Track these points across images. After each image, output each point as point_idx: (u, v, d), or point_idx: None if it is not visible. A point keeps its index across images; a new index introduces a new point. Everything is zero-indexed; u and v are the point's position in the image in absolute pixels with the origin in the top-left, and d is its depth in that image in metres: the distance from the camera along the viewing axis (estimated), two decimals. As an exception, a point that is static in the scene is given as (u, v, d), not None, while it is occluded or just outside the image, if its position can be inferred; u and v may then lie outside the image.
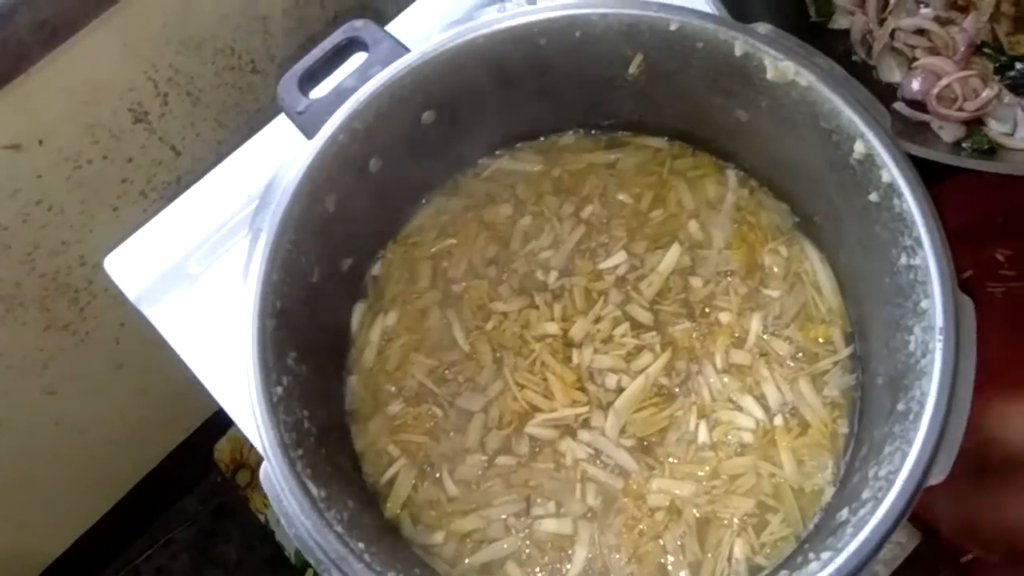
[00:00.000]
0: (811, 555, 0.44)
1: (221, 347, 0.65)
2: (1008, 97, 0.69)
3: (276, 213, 0.48)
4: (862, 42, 0.73)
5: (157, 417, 1.29)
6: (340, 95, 0.52)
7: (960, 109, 0.67)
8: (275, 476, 0.43)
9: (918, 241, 0.44)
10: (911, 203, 0.45)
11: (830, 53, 0.69)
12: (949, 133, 0.68)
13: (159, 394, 1.27)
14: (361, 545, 0.43)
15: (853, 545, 0.40)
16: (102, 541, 1.37)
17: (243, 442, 1.35)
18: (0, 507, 1.17)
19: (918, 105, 0.69)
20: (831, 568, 0.39)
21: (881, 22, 0.72)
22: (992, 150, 0.67)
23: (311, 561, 0.42)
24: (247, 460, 1.33)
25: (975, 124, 0.69)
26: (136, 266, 0.71)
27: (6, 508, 1.17)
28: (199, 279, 0.70)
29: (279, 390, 0.46)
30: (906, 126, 0.67)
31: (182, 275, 0.70)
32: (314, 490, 0.44)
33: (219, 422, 1.40)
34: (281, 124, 0.74)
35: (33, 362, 1.05)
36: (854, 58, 0.74)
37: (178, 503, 1.47)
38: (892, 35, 0.71)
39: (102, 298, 1.06)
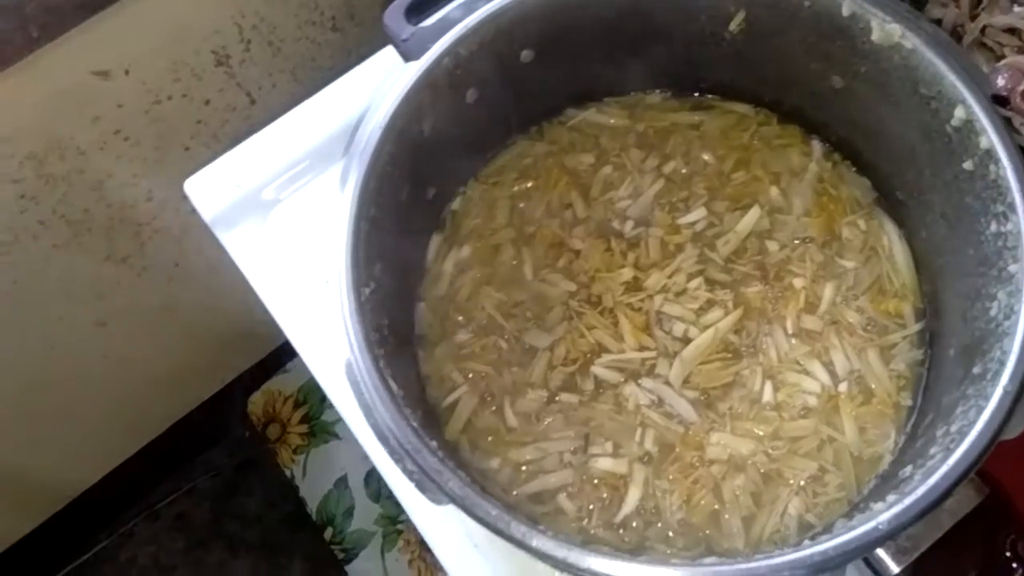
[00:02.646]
0: (871, 505, 0.44)
1: (290, 275, 0.67)
2: (1096, 101, 0.69)
3: (378, 125, 0.49)
4: (953, 34, 0.73)
5: (197, 362, 1.32)
6: (445, 24, 0.53)
7: (1042, 110, 0.68)
8: (358, 367, 0.44)
9: (1011, 207, 0.45)
10: (1008, 169, 0.45)
11: None
12: (1031, 132, 0.68)
13: (203, 341, 1.29)
14: (434, 443, 0.44)
15: (921, 489, 0.40)
16: (128, 480, 1.39)
17: (277, 396, 1.37)
18: (39, 431, 1.19)
19: (1002, 100, 0.69)
20: (897, 508, 0.40)
21: (973, 17, 0.72)
22: None
23: (386, 450, 0.43)
24: (279, 415, 1.35)
25: (1057, 125, 0.69)
26: (214, 191, 0.73)
27: (44, 432, 1.20)
28: (274, 209, 0.71)
29: (367, 291, 0.47)
30: None
31: (257, 203, 0.71)
32: (394, 387, 0.45)
33: (253, 377, 1.43)
34: (357, 75, 0.76)
35: (90, 291, 1.08)
36: None
37: (204, 453, 1.49)
38: (983, 31, 0.71)
39: (163, 235, 1.08)
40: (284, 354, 1.41)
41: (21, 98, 0.82)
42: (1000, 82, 0.70)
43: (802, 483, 0.53)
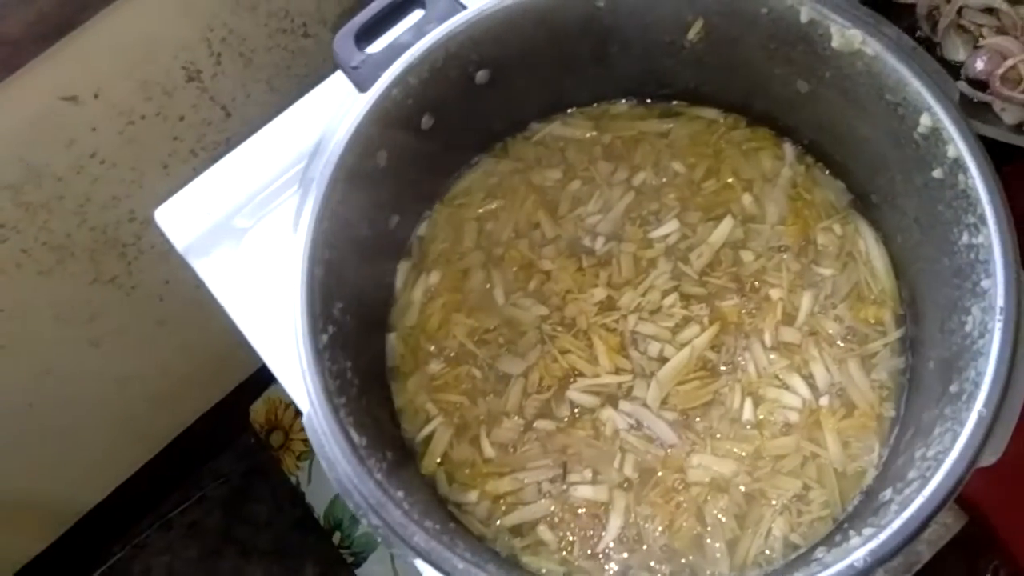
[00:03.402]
0: (850, 532, 0.43)
1: (265, 301, 0.66)
2: (1078, 82, 0.67)
3: (329, 162, 0.48)
4: (927, 17, 0.71)
5: (196, 375, 1.32)
6: (395, 50, 0.52)
7: (1024, 92, 0.66)
8: (318, 421, 0.43)
9: (982, 219, 0.43)
10: (977, 179, 0.43)
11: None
12: (1011, 115, 0.66)
13: (199, 353, 1.29)
14: (400, 494, 0.43)
15: (897, 523, 0.39)
16: (138, 493, 1.40)
17: (278, 404, 1.37)
18: (43, 453, 1.20)
19: (981, 85, 0.67)
20: (873, 544, 0.39)
21: None
22: None
23: (350, 506, 0.42)
24: (281, 422, 1.35)
25: (1039, 107, 0.67)
26: (186, 219, 0.72)
27: (49, 454, 1.21)
28: (247, 234, 0.70)
29: (324, 337, 0.47)
30: (967, 106, 0.65)
31: (230, 229, 0.71)
32: (355, 437, 0.44)
33: (255, 384, 1.42)
34: (332, 84, 0.75)
35: (80, 313, 1.07)
36: (918, 34, 0.72)
37: (212, 461, 1.50)
38: (959, 12, 0.69)
39: (149, 254, 1.07)
40: (283, 361, 1.40)
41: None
42: (979, 66, 0.68)
43: (786, 502, 0.52)
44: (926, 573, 0.40)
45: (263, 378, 1.44)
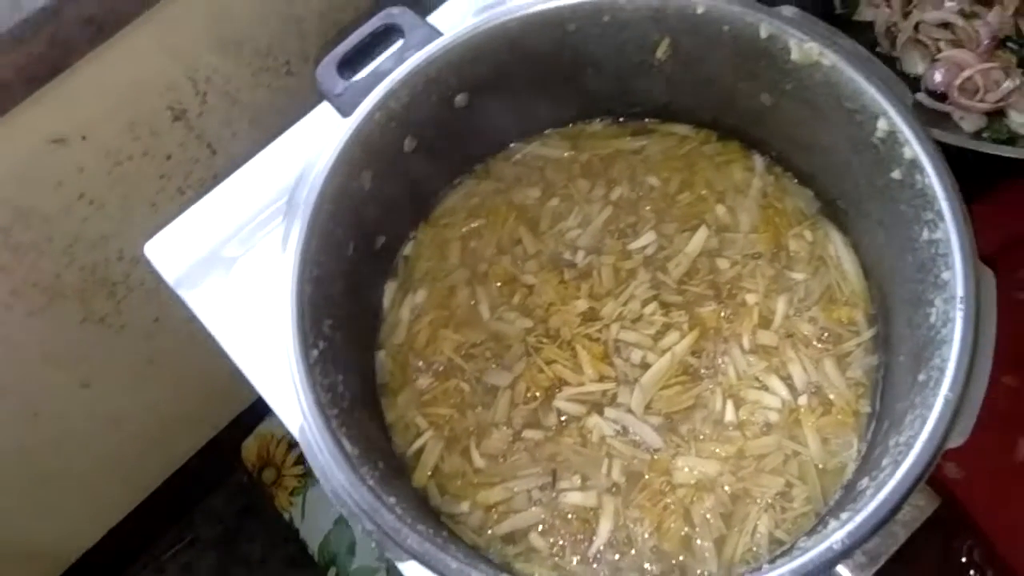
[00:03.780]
0: (829, 520, 0.45)
1: (257, 328, 0.67)
2: (1032, 89, 0.70)
3: (315, 185, 0.50)
4: (886, 34, 0.74)
5: (187, 413, 1.32)
6: (377, 77, 0.54)
7: (981, 100, 0.69)
8: (311, 432, 0.45)
9: (940, 214, 0.45)
10: (933, 178, 0.46)
11: None
12: (970, 123, 0.69)
13: (188, 391, 1.30)
14: (392, 500, 0.44)
15: (872, 505, 0.40)
16: (131, 536, 1.39)
17: (269, 440, 1.37)
18: (35, 498, 1.19)
19: (940, 96, 0.71)
20: (850, 526, 0.40)
21: (906, 15, 0.73)
22: (1011, 140, 0.68)
23: (344, 513, 0.43)
24: (273, 458, 1.35)
25: (996, 115, 0.70)
26: (175, 252, 0.73)
27: (40, 498, 1.20)
28: (235, 265, 0.72)
29: (315, 352, 0.48)
30: (928, 116, 0.68)
31: (219, 260, 0.72)
32: (348, 447, 0.45)
33: (246, 421, 1.43)
34: (315, 118, 0.77)
35: (70, 354, 1.08)
36: (878, 49, 0.75)
37: (204, 501, 1.49)
38: (916, 28, 0.73)
39: (138, 292, 1.08)
40: (273, 397, 1.41)
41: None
42: (937, 77, 0.71)
43: (770, 500, 0.53)
44: (903, 554, 0.41)
45: (254, 415, 1.44)
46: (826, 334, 0.57)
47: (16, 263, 0.93)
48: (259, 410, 1.44)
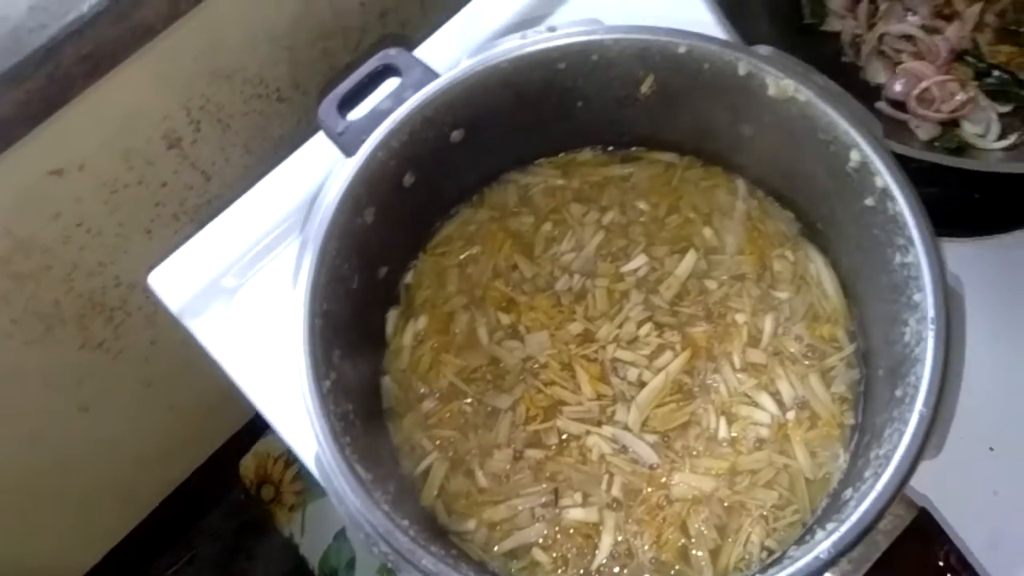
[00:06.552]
0: (816, 530, 0.47)
1: (258, 355, 0.69)
2: (984, 102, 0.74)
3: (323, 223, 0.52)
4: (852, 44, 0.78)
5: (185, 433, 1.33)
6: (376, 116, 0.56)
7: (937, 110, 0.73)
8: (326, 459, 0.47)
9: (910, 240, 0.49)
10: (903, 205, 0.49)
11: (821, 54, 0.76)
12: (925, 132, 0.73)
13: (187, 411, 1.31)
14: (406, 522, 0.47)
15: (855, 516, 0.43)
16: (130, 556, 1.40)
17: (267, 457, 1.38)
18: (34, 520, 1.20)
19: (899, 105, 0.74)
20: (835, 536, 0.43)
21: (871, 27, 0.77)
22: (960, 149, 0.72)
23: (361, 537, 0.46)
24: (271, 475, 1.36)
25: (950, 125, 0.74)
26: (177, 282, 0.75)
27: (40, 521, 1.21)
28: (236, 293, 0.74)
29: (327, 383, 0.50)
30: (886, 124, 0.71)
31: (220, 289, 0.73)
32: (361, 472, 0.48)
33: (243, 439, 1.44)
34: (311, 148, 0.79)
35: (69, 379, 1.09)
36: (843, 59, 0.78)
37: (202, 519, 1.50)
38: (880, 39, 0.76)
39: (135, 316, 1.10)
40: (270, 414, 1.42)
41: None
42: (897, 87, 0.75)
43: (764, 512, 0.56)
44: (885, 560, 0.44)
45: (252, 433, 1.46)
46: (811, 351, 0.60)
47: (16, 292, 0.94)
48: (257, 428, 1.45)
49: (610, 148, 0.67)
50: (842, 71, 0.76)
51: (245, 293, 0.73)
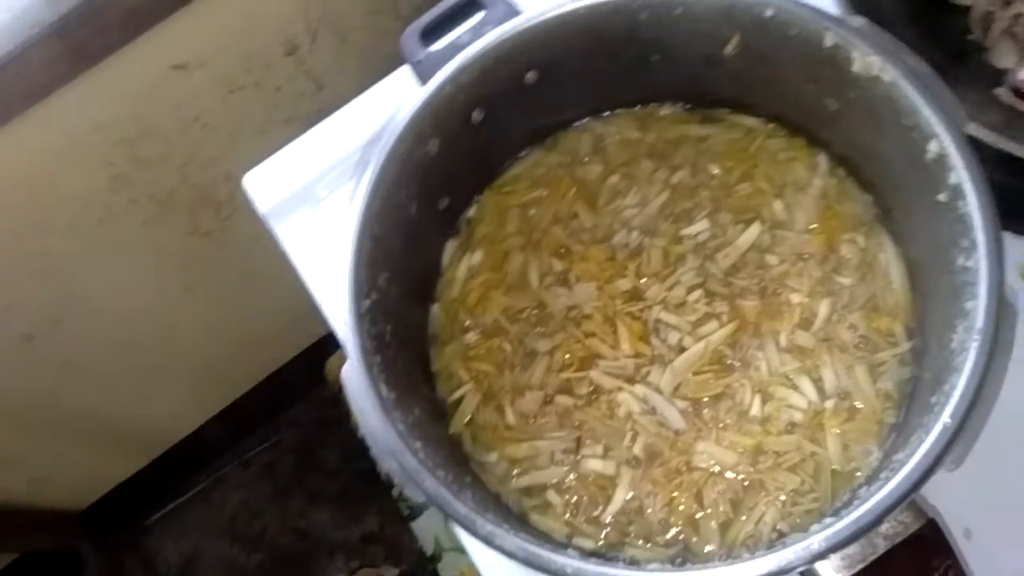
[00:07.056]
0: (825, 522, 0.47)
1: (333, 266, 0.73)
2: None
3: (383, 149, 0.54)
4: (982, 21, 0.71)
5: (278, 327, 1.41)
6: (454, 49, 0.57)
7: (1068, 107, 0.66)
8: (354, 374, 0.50)
9: (974, 243, 0.45)
10: (973, 206, 0.46)
11: (946, 28, 0.70)
12: (1049, 130, 0.66)
13: (281, 306, 1.38)
14: (418, 444, 0.49)
15: (853, 515, 0.42)
16: (221, 431, 1.52)
17: (351, 361, 1.45)
18: (141, 387, 1.32)
19: (1022, 95, 0.67)
20: (829, 532, 0.42)
21: (1007, 3, 0.70)
22: None
23: (374, 449, 0.49)
24: (353, 378, 1.43)
25: (1078, 125, 0.67)
26: (270, 185, 0.78)
27: (146, 387, 1.33)
28: (324, 202, 0.77)
29: (367, 303, 0.53)
30: (1004, 113, 0.65)
31: (310, 197, 0.76)
32: (384, 392, 0.50)
33: (331, 340, 1.51)
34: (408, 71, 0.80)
35: (177, 262, 1.18)
36: (970, 37, 0.71)
37: (289, 408, 1.60)
38: (1016, 19, 0.69)
39: (241, 211, 1.16)
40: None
41: (112, 90, 0.91)
42: (1022, 76, 0.68)
43: (783, 496, 0.55)
44: (880, 563, 0.43)
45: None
46: (863, 342, 0.58)
47: (137, 175, 1.02)
48: (345, 332, 1.52)
49: (691, 106, 0.65)
50: (964, 50, 0.70)
51: (330, 204, 0.76)
